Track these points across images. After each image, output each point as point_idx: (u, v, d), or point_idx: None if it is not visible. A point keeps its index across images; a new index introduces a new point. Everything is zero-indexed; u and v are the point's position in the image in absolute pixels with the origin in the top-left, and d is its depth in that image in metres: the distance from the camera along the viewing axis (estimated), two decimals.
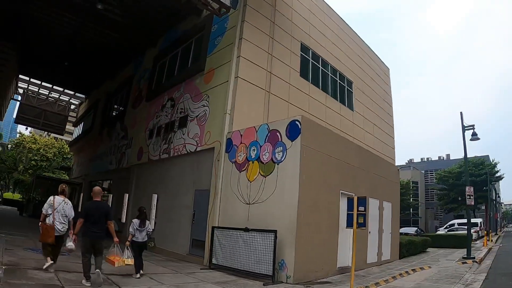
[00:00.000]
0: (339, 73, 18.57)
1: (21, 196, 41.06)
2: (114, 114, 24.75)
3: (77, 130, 36.78)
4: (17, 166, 51.39)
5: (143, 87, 19.87)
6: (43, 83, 32.80)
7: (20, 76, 32.14)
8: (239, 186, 10.68)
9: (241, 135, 11.11)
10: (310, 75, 16.32)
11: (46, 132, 61.44)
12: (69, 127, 40.62)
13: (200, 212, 12.12)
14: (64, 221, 7.54)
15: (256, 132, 10.67)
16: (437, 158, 77.81)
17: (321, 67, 17.22)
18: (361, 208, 8.07)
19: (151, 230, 9.37)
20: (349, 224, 8.25)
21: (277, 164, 9.77)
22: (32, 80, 32.61)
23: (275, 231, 8.99)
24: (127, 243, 8.39)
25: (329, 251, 10.52)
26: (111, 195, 20.79)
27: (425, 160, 80.00)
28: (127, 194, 17.64)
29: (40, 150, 52.24)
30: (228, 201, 10.98)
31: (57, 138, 56.90)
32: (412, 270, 12.13)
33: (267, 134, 10.30)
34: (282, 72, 14.34)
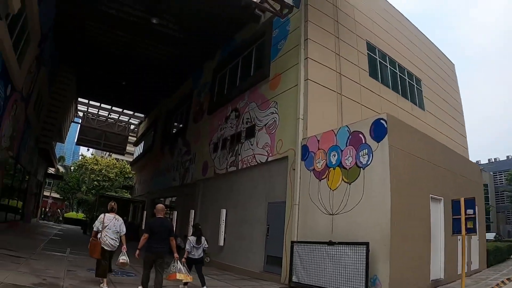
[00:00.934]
0: (407, 71, 17.57)
1: (84, 215, 42.81)
2: (175, 130, 25.21)
3: (138, 149, 37.92)
4: (80, 187, 54.24)
5: (204, 101, 19.95)
6: (102, 105, 34.16)
7: (80, 99, 33.75)
8: (319, 195, 10.07)
9: (318, 141, 10.54)
10: (379, 74, 15.53)
11: (107, 153, 64.19)
12: (129, 148, 42.00)
13: (275, 226, 11.62)
14: (116, 237, 7.94)
15: (335, 135, 10.06)
16: (505, 158, 71.76)
17: (389, 66, 16.36)
18: (470, 211, 7.18)
19: (207, 246, 9.61)
20: (456, 231, 7.37)
21: (363, 169, 9.06)
22: (91, 102, 34.12)
23: (366, 244, 8.26)
24: (183, 260, 8.50)
25: (422, 263, 9.59)
26: (176, 211, 20.85)
27: (493, 161, 74.21)
28: (193, 210, 17.52)
29: (102, 171, 54.73)
30: (308, 213, 10.38)
31: (118, 159, 59.26)
32: (507, 279, 11.14)
33: (348, 137, 9.65)
34: (351, 73, 13.70)
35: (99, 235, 7.81)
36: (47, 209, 49.20)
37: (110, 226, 7.88)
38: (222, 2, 15.33)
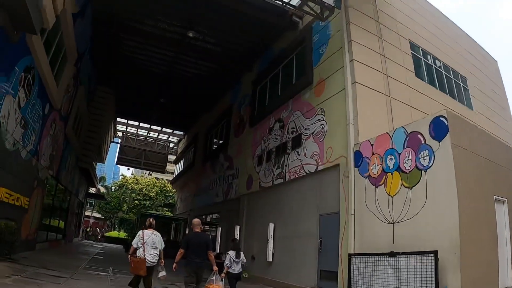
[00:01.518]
0: (452, 70, 16.84)
1: (126, 234, 43.55)
2: (215, 146, 25.29)
3: (178, 167, 38.39)
4: (121, 206, 55.52)
5: (244, 114, 19.95)
6: (141, 124, 34.89)
7: (118, 119, 34.61)
8: (377, 203, 9.61)
9: (372, 145, 10.13)
10: (425, 74, 14.95)
11: (147, 172, 65.46)
12: (169, 167, 42.58)
13: (328, 239, 11.22)
14: (155, 252, 8.12)
15: (391, 138, 9.62)
16: None
17: (433, 65, 15.75)
18: None
19: (246, 261, 9.69)
20: None
21: (424, 171, 8.56)
22: (129, 122, 34.95)
23: (435, 252, 7.73)
24: (223, 275, 8.59)
25: (491, 270, 8.86)
26: (220, 228, 20.73)
27: None
28: (238, 226, 17.32)
29: (143, 190, 55.84)
30: (365, 223, 9.92)
31: (158, 178, 60.43)
32: None
33: (406, 138, 9.19)
34: (398, 74, 13.25)
35: (138, 252, 7.99)
36: (88, 229, 50.43)
37: (149, 242, 8.05)
38: (257, 11, 15.45)
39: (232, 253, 9.25)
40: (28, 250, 14.43)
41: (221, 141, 23.90)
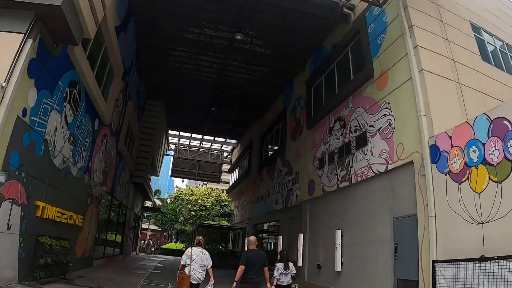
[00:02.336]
0: None
1: (184, 246, 44.26)
2: (271, 151, 24.91)
3: (233, 176, 38.52)
4: (177, 218, 56.93)
5: (300, 116, 19.59)
6: (193, 135, 35.42)
7: (170, 131, 35.25)
8: (461, 202, 8.78)
9: (450, 137, 9.32)
10: (491, 57, 13.78)
11: (201, 183, 66.71)
12: (223, 176, 42.87)
13: (404, 244, 10.45)
14: (202, 270, 8.56)
15: (472, 127, 8.78)
16: None
17: (498, 47, 14.50)
18: None
19: (295, 272, 9.98)
20: None
21: None
22: (181, 133, 35.55)
23: None
24: (272, 287, 8.85)
25: None
26: (281, 236, 20.31)
27: None
28: (301, 234, 16.80)
29: (198, 201, 56.91)
30: (448, 224, 9.10)
31: (213, 188, 61.51)
32: None
33: (489, 126, 8.33)
34: (464, 58, 12.25)
35: (186, 269, 8.48)
36: (145, 242, 51.69)
37: (197, 260, 8.51)
38: (306, 6, 15.14)
39: (280, 265, 9.61)
40: (85, 267, 14.76)
41: (277, 146, 23.58)
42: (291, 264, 9.72)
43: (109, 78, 15.06)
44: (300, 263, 16.61)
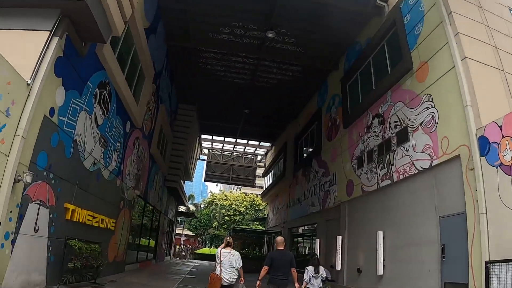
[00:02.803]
0: None
1: None
2: (307, 153, 24.55)
3: (267, 180, 38.36)
4: (211, 223, 57.37)
5: (336, 115, 19.22)
6: (226, 139, 35.44)
7: (203, 136, 35.39)
8: None
9: (500, 127, 8.74)
10: None
11: (235, 188, 66.98)
12: (257, 180, 42.76)
13: (452, 244, 9.88)
14: (231, 271, 8.49)
15: None
16: None
17: None
18: None
19: (325, 275, 9.96)
20: None
21: None
22: (214, 137, 35.70)
23: None
24: None
25: None
26: (318, 240, 19.89)
27: None
28: (340, 237, 16.34)
29: (232, 206, 57.19)
30: (502, 222, 8.50)
31: (247, 193, 61.67)
32: None
33: None
34: (506, 45, 11.54)
35: (217, 270, 8.48)
36: (177, 246, 52.21)
37: (225, 261, 8.50)
38: (338, 1, 14.81)
39: (310, 268, 9.64)
40: (117, 272, 14.85)
41: (312, 148, 23.19)
42: (321, 268, 9.75)
43: (140, 80, 15.14)
44: (338, 267, 16.15)
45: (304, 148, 25.78)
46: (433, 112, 11.12)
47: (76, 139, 9.71)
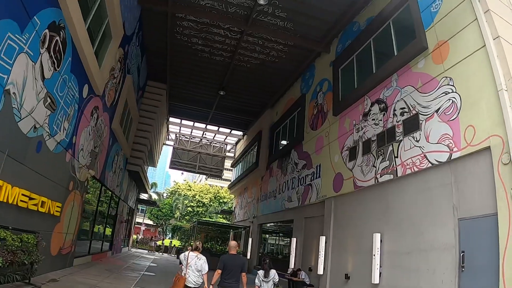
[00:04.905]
0: None
1: (180, 243, 42.69)
2: (285, 143, 22.90)
3: (236, 171, 36.78)
4: (173, 213, 56.23)
5: (323, 102, 17.84)
6: (196, 124, 33.72)
7: (171, 119, 33.47)
8: None
9: None
10: None
11: (200, 179, 65.92)
12: (225, 174, 41.26)
13: (475, 252, 8.43)
14: (198, 274, 8.64)
15: None
16: None
17: None
18: None
19: (277, 279, 9.75)
20: None
21: None
22: (183, 122, 33.81)
23: None
24: None
25: None
26: (294, 239, 18.35)
27: None
28: (324, 237, 14.83)
29: (196, 196, 56.45)
30: None
31: (211, 184, 61.21)
32: None
33: None
34: None
35: (183, 271, 8.58)
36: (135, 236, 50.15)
37: (192, 264, 8.63)
38: None
39: (261, 272, 9.60)
40: (63, 267, 12.64)
41: (292, 138, 21.54)
42: (272, 272, 9.62)
43: (105, 39, 12.99)
44: (320, 271, 14.62)
45: (282, 138, 24.15)
46: (454, 98, 9.68)
47: (9, 90, 7.28)
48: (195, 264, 8.63)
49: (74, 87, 10.95)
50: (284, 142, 23.41)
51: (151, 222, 65.35)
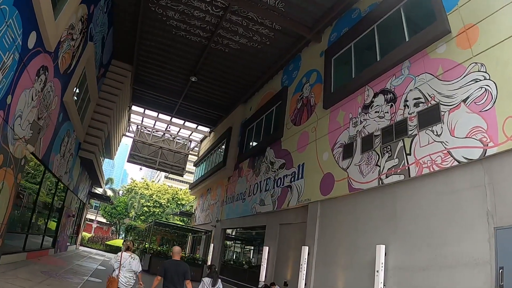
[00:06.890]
0: None
1: (135, 244, 40.48)
2: (259, 140, 21.20)
3: (199, 170, 34.90)
4: (128, 212, 54.36)
5: (310, 95, 16.37)
6: (160, 116, 31.88)
7: (133, 108, 31.50)
8: None
9: None
10: None
11: (158, 179, 64.18)
12: (185, 176, 39.37)
13: None
14: (130, 275, 8.61)
15: None
16: None
17: None
18: None
19: None
20: None
21: None
22: (146, 112, 31.87)
23: None
24: None
25: None
26: (267, 247, 16.66)
27: None
28: (307, 247, 13.18)
29: (153, 196, 55.29)
30: None
31: (170, 185, 60.21)
32: None
33: None
34: None
35: (115, 273, 8.41)
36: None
37: (125, 265, 8.53)
38: None
39: (207, 280, 9.31)
40: None
41: (269, 134, 19.82)
42: (219, 281, 9.45)
43: None
44: (301, 286, 12.83)
45: (256, 135, 22.50)
46: (488, 86, 8.29)
47: None
48: (129, 264, 8.60)
49: (16, 30, 8.39)
50: (258, 140, 21.69)
51: (104, 220, 62.82)
